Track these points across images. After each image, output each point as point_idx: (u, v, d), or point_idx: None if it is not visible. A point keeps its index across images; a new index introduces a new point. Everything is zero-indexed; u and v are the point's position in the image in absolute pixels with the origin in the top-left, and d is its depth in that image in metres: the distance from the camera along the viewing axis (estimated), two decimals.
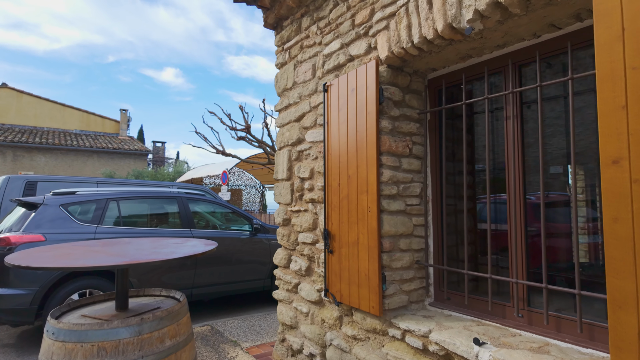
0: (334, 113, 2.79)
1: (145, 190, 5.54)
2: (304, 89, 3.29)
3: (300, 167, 3.28)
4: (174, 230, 5.43)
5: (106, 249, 2.16)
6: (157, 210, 5.68)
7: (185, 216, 5.63)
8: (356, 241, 2.52)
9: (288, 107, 3.53)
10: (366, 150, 2.46)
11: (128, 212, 5.33)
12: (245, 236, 6.06)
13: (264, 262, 6.15)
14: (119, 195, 5.21)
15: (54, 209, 4.70)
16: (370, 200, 2.41)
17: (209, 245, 2.34)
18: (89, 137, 22.62)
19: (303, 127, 3.30)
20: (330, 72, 2.99)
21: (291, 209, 3.39)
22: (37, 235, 4.45)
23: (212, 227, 6.25)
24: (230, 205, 6.34)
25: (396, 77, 2.57)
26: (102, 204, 5.01)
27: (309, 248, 3.14)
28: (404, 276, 2.50)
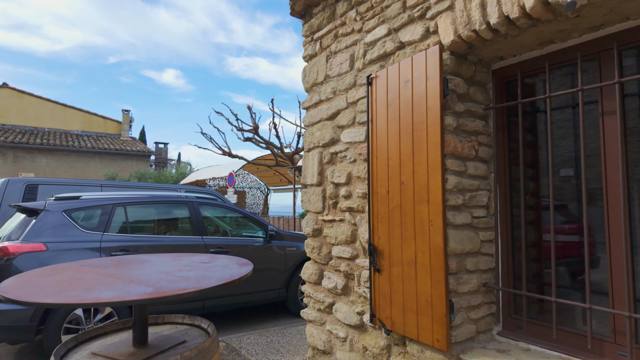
0: (381, 109, 2.41)
1: (153, 195, 5.17)
2: (339, 82, 2.91)
3: (334, 172, 2.90)
4: (184, 237, 5.05)
5: (122, 271, 1.78)
6: (167, 215, 5.30)
7: (197, 222, 5.25)
8: (413, 260, 2.14)
9: (319, 104, 3.15)
10: (426, 152, 2.08)
11: (136, 218, 4.95)
12: (259, 243, 5.68)
13: (279, 270, 5.77)
14: (126, 200, 4.83)
15: (56, 215, 4.32)
16: (432, 212, 2.03)
17: (244, 266, 1.96)
18: (91, 138, 22.27)
19: (337, 126, 2.92)
20: (374, 62, 2.61)
21: (323, 218, 3.01)
22: (38, 245, 4.07)
23: (224, 233, 5.87)
24: (243, 210, 5.96)
25: (460, 66, 2.19)
26: (108, 210, 4.64)
27: (346, 264, 2.76)
28: (471, 302, 2.11)
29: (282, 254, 5.87)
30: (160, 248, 4.73)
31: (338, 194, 2.89)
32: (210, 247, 5.13)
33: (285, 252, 5.92)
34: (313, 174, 3.12)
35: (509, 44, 2.08)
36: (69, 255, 4.16)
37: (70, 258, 4.15)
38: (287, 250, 5.96)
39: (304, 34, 3.36)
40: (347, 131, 2.80)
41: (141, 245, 4.62)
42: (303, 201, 3.26)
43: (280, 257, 5.83)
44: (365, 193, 2.61)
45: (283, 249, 5.92)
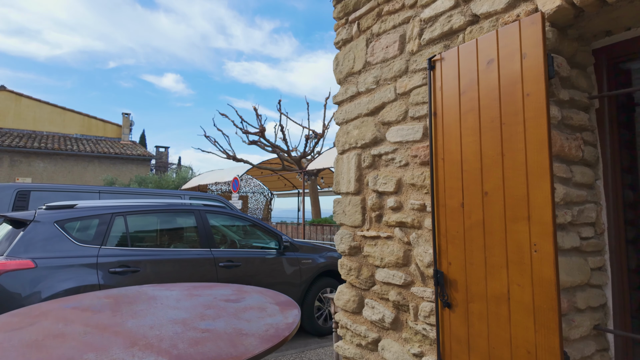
0: (450, 98, 1.91)
1: (156, 203, 4.65)
2: (385, 70, 2.41)
3: (378, 178, 2.39)
4: (191, 250, 4.53)
5: (121, 319, 1.27)
6: (171, 225, 4.79)
7: (204, 233, 4.73)
8: (504, 295, 1.62)
9: (356, 97, 2.64)
10: (524, 153, 1.57)
11: (137, 229, 4.43)
12: (272, 255, 5.16)
13: (293, 285, 5.25)
14: (126, 209, 4.31)
15: (47, 227, 3.80)
16: (536, 233, 1.52)
17: (287, 309, 1.44)
18: (90, 141, 21.78)
19: (382, 123, 2.41)
20: (435, 42, 2.11)
21: (363, 234, 2.49)
22: (26, 261, 3.55)
23: (233, 244, 5.35)
24: (254, 219, 5.44)
25: (561, 42, 1.69)
26: (106, 220, 4.12)
27: (396, 292, 2.24)
28: (584, 352, 1.59)
29: (296, 268, 5.35)
30: (163, 263, 4.22)
31: (383, 204, 2.38)
32: (219, 261, 4.62)
33: (300, 265, 5.40)
34: (349, 181, 2.61)
35: (624, 12, 1.58)
36: (61, 273, 3.64)
37: (62, 276, 3.63)
38: (302, 263, 5.45)
39: (336, 15, 2.86)
40: (396, 128, 2.30)
41: (143, 260, 4.10)
42: (336, 212, 2.74)
43: (294, 270, 5.31)
44: (424, 205, 2.10)
45: (298, 261, 5.40)
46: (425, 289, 2.07)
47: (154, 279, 4.10)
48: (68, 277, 3.66)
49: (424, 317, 2.05)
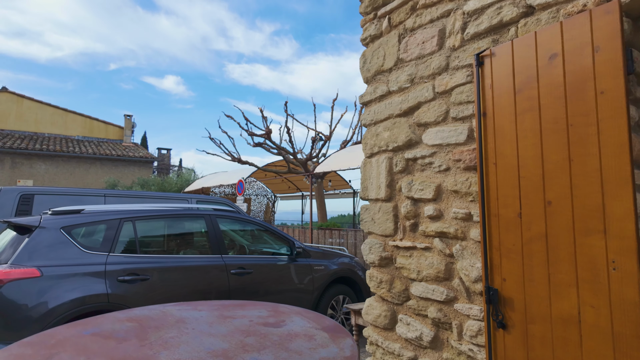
0: (504, 97, 1.73)
1: (166, 208, 4.48)
2: (421, 67, 2.24)
3: (413, 183, 2.22)
4: (202, 257, 4.35)
5: (151, 350, 1.09)
6: (181, 231, 4.62)
7: (215, 239, 4.56)
8: (574, 317, 1.45)
9: (387, 97, 2.47)
10: (598, 158, 1.40)
11: (146, 235, 4.26)
12: (284, 262, 4.98)
13: (306, 292, 5.07)
14: (134, 213, 4.14)
15: (53, 233, 3.63)
16: (615, 249, 1.35)
17: (339, 337, 1.26)
18: (92, 143, 21.64)
19: (417, 124, 2.24)
20: (481, 37, 1.94)
21: (395, 244, 2.32)
22: (31, 270, 3.38)
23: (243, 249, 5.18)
24: (266, 224, 5.27)
25: (636, 34, 1.52)
26: (114, 226, 3.94)
27: (436, 308, 2.06)
28: None
29: (309, 274, 5.17)
30: (173, 270, 4.04)
31: (419, 212, 2.21)
32: (230, 268, 4.44)
33: (312, 271, 5.23)
34: (379, 186, 2.44)
35: None
36: (68, 282, 3.46)
37: (69, 286, 3.45)
38: (315, 270, 5.27)
39: (363, 10, 2.69)
40: (435, 130, 2.13)
41: (152, 268, 3.93)
42: (364, 220, 2.57)
43: (307, 277, 5.13)
44: (469, 214, 1.93)
45: (310, 268, 5.22)
46: (472, 307, 1.89)
47: (164, 287, 3.93)
48: (75, 287, 3.48)
49: (470, 337, 1.87)
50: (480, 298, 1.87)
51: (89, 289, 3.53)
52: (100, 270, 3.66)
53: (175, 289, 4.01)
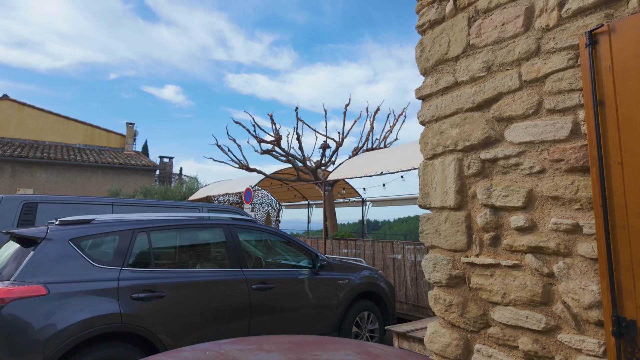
0: (629, 81, 1.40)
1: (182, 217, 4.13)
2: (501, 53, 1.92)
3: (494, 189, 1.88)
4: (221, 272, 3.99)
5: None
6: (198, 242, 4.26)
7: (235, 251, 4.20)
8: None
9: (453, 88, 2.15)
10: None
11: (161, 247, 3.91)
12: (305, 275, 4.62)
13: (329, 308, 4.70)
14: (149, 224, 3.78)
15: (61, 246, 3.27)
16: None
17: None
18: (94, 151, 21.32)
19: (498, 118, 1.91)
20: (586, 13, 1.61)
21: (469, 261, 1.97)
22: (36, 287, 3.01)
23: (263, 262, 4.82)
24: (287, 235, 4.92)
25: None
26: (127, 237, 3.58)
27: (531, 339, 1.71)
28: None
29: (332, 289, 4.81)
30: (192, 286, 3.68)
31: (501, 223, 1.86)
32: (252, 283, 4.08)
33: (336, 286, 4.86)
34: (445, 192, 2.10)
35: None
36: (77, 301, 3.10)
37: (78, 305, 3.09)
38: (339, 284, 4.91)
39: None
40: (524, 125, 1.79)
41: (169, 284, 3.57)
42: (425, 232, 2.22)
43: (331, 292, 4.77)
44: (576, 225, 1.58)
45: (334, 282, 4.86)
46: (584, 339, 1.54)
47: (181, 305, 3.57)
48: (85, 306, 3.12)
49: None
50: (596, 328, 1.52)
51: (100, 309, 3.16)
52: (112, 286, 3.30)
53: (194, 307, 3.64)
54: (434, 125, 2.22)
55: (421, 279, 6.40)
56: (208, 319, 3.70)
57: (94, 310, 3.12)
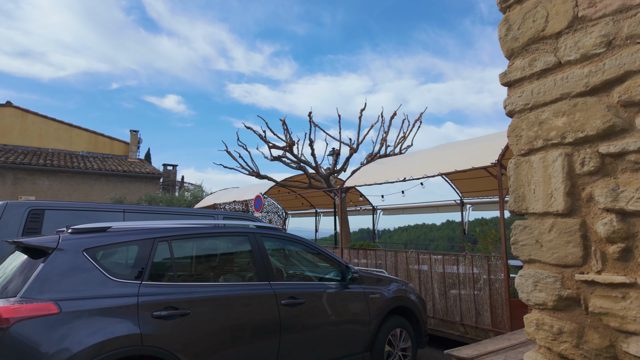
0: None
1: (205, 225, 3.76)
2: (627, 23, 1.56)
3: (623, 190, 1.52)
4: (248, 285, 3.61)
5: None
6: (222, 252, 3.89)
7: (262, 262, 3.82)
8: None
9: (555, 70, 1.79)
10: None
11: (183, 257, 3.53)
12: (335, 289, 4.23)
13: (361, 324, 4.31)
14: (170, 232, 3.41)
15: (74, 257, 2.90)
16: None
17: None
18: (97, 159, 21.00)
19: (624, 104, 1.55)
20: None
21: (586, 278, 1.60)
22: (46, 305, 2.63)
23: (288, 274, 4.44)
24: (317, 245, 4.54)
25: None
26: (147, 247, 3.21)
27: None
28: None
29: (364, 304, 4.42)
30: (218, 302, 3.30)
31: (634, 232, 1.50)
32: (280, 298, 3.70)
33: (367, 300, 4.47)
34: (549, 195, 1.73)
35: None
36: (93, 321, 2.72)
37: (94, 325, 2.70)
38: (370, 299, 4.52)
39: None
40: None
41: (193, 299, 3.19)
42: (521, 244, 1.85)
43: (362, 307, 4.37)
44: None
45: (365, 296, 4.47)
46: None
47: (207, 322, 3.18)
48: (101, 326, 2.74)
49: None
50: None
51: (118, 329, 2.78)
52: (132, 303, 2.93)
53: (220, 325, 3.26)
54: (529, 115, 1.86)
55: (450, 291, 6.00)
56: (235, 337, 3.32)
57: (111, 331, 2.74)
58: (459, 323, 5.81)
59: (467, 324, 5.71)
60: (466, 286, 5.77)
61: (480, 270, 5.61)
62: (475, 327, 5.59)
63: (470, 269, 5.73)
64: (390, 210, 13.44)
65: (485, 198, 10.55)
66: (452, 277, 5.96)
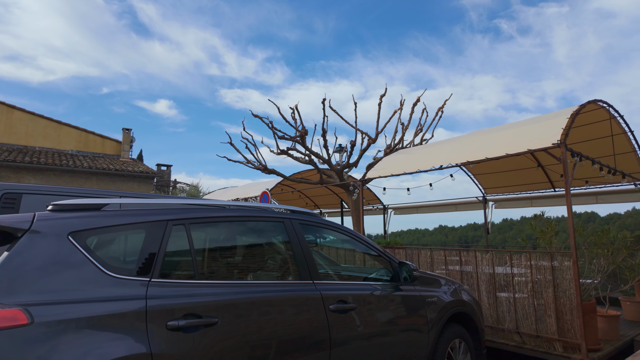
0: None
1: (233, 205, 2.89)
2: None
3: None
4: (288, 285, 2.74)
5: None
6: (255, 243, 3.00)
7: (303, 256, 2.95)
8: None
9: None
10: None
11: (206, 248, 2.65)
12: (388, 290, 3.38)
13: (420, 331, 3.47)
14: (189, 213, 2.54)
15: (54, 243, 2.01)
16: None
17: None
18: (87, 158, 19.94)
19: None
20: None
21: None
22: (11, 312, 1.74)
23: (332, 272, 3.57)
24: (364, 238, 3.67)
25: None
26: (158, 232, 2.33)
27: None
28: None
29: (422, 310, 3.56)
30: (252, 307, 2.43)
31: None
32: (329, 302, 2.84)
33: (425, 304, 3.62)
34: None
35: None
36: (80, 337, 1.83)
37: (80, 343, 1.81)
38: (428, 302, 3.66)
39: None
40: None
41: (222, 303, 2.31)
42: None
43: (420, 313, 3.52)
44: None
45: (422, 300, 3.61)
46: None
47: (239, 336, 2.31)
48: (92, 344, 1.85)
49: None
50: None
51: (118, 348, 1.89)
52: (138, 308, 2.04)
53: (255, 337, 2.38)
54: None
55: (500, 294, 5.17)
56: (275, 352, 2.44)
57: (108, 351, 1.85)
58: (514, 331, 4.97)
59: (524, 332, 4.88)
60: (522, 288, 4.94)
61: (541, 270, 4.79)
62: (536, 336, 4.76)
63: (527, 268, 4.91)
64: (402, 209, 12.61)
65: (511, 194, 9.78)
66: (503, 278, 5.14)
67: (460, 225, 55.00)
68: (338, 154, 10.98)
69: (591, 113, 6.18)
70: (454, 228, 54.16)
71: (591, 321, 4.52)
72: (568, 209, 4.56)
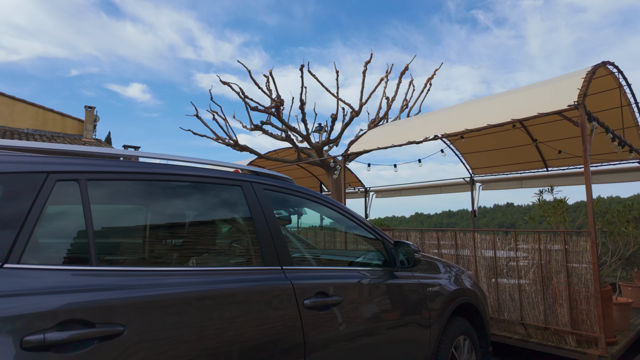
0: None
1: (159, 157, 2.04)
2: None
3: None
4: (244, 272, 1.92)
5: None
6: (194, 214, 2.14)
7: (267, 233, 2.14)
8: None
9: None
10: None
11: (113, 219, 1.78)
12: (381, 278, 2.62)
13: (422, 326, 2.73)
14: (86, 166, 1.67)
15: None
16: None
17: None
18: (44, 137, 18.35)
19: None
20: None
21: None
22: None
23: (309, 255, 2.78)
24: (350, 210, 2.87)
25: None
26: (28, 189, 1.46)
27: None
28: None
29: (422, 301, 2.82)
30: (185, 304, 1.59)
31: None
32: (303, 294, 2.05)
33: (425, 294, 2.88)
34: None
35: None
36: None
37: None
38: (428, 291, 2.92)
39: None
40: None
41: (132, 301, 1.45)
42: None
43: (420, 305, 2.78)
44: None
45: (421, 288, 2.87)
46: None
47: (159, 346, 1.47)
48: None
49: None
50: None
51: None
52: None
53: (184, 348, 1.55)
54: None
55: (501, 280, 4.51)
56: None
57: None
58: (518, 322, 4.32)
59: (529, 324, 4.24)
60: (529, 274, 4.28)
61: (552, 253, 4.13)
62: (544, 327, 4.12)
63: (534, 250, 4.25)
64: (385, 192, 11.92)
65: (500, 174, 9.20)
66: (506, 262, 4.47)
67: (436, 212, 55.49)
68: (317, 133, 10.14)
69: (596, 81, 5.54)
70: (429, 215, 54.59)
71: (608, 310, 3.91)
72: (587, 181, 3.89)
